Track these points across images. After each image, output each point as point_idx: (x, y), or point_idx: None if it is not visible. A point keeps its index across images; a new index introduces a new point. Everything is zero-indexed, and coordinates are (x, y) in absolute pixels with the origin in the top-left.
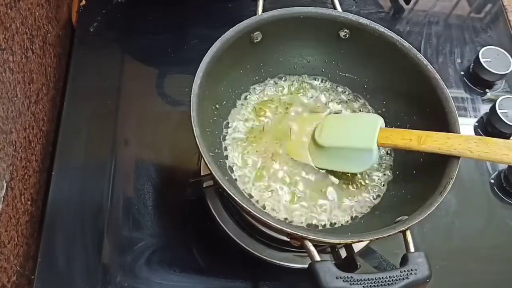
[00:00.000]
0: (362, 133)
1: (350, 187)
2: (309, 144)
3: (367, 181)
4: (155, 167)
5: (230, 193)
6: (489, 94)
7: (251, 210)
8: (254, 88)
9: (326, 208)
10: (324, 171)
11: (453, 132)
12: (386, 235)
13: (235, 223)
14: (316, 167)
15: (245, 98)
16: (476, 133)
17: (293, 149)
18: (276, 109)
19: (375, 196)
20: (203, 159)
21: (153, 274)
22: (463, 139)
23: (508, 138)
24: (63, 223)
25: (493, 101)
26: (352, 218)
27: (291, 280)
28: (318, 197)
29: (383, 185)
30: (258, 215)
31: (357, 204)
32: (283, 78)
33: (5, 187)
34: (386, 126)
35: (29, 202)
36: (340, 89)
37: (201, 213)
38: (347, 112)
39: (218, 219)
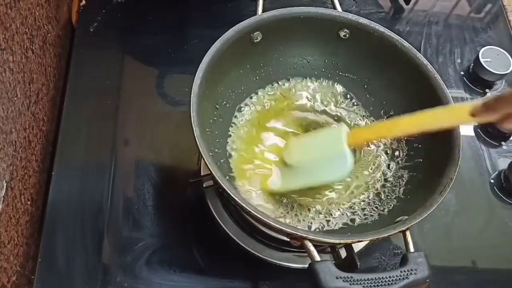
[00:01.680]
0: (329, 141)
1: (350, 187)
2: (281, 169)
3: (366, 181)
4: (155, 167)
5: (230, 193)
6: (489, 94)
7: (251, 210)
8: (254, 89)
9: (326, 209)
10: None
11: (453, 133)
12: (386, 235)
13: (235, 223)
14: (298, 188)
15: (245, 99)
16: (476, 133)
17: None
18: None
19: (375, 196)
20: (203, 159)
21: (153, 274)
22: (423, 117)
23: (508, 138)
24: (63, 223)
25: None
26: (352, 218)
27: (291, 280)
28: (318, 198)
29: (383, 185)
30: (258, 215)
31: (357, 204)
32: (283, 80)
33: (5, 187)
34: None
35: (29, 202)
36: (339, 89)
37: (201, 213)
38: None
39: (218, 219)
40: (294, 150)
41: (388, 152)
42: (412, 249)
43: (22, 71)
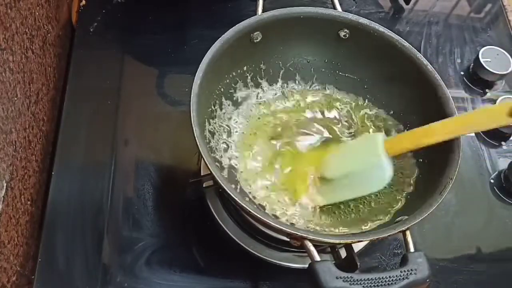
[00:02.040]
0: (367, 151)
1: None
2: (315, 184)
3: None
4: (155, 167)
5: (230, 193)
6: (489, 94)
7: (251, 210)
8: (255, 89)
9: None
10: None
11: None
12: (386, 235)
13: (235, 223)
14: (334, 203)
15: (245, 99)
16: (476, 133)
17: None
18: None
19: (374, 197)
20: (203, 159)
21: (153, 274)
22: (460, 120)
23: (508, 138)
24: (63, 223)
25: (493, 101)
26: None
27: (291, 280)
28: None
29: (383, 186)
30: (258, 215)
31: (357, 204)
32: (283, 80)
33: (5, 187)
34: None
35: (29, 202)
36: (340, 94)
37: (201, 213)
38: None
39: (218, 219)
40: (332, 163)
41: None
42: (412, 249)
43: (22, 71)
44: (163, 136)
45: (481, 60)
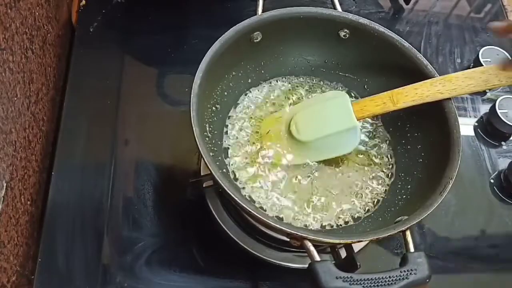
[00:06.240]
0: (338, 115)
1: (351, 188)
2: (290, 143)
3: (367, 182)
4: (155, 167)
5: (230, 193)
6: (489, 94)
7: (251, 210)
8: (255, 90)
9: (326, 209)
10: (323, 172)
11: (452, 132)
12: (386, 235)
13: (235, 223)
14: (313, 161)
15: (245, 99)
16: (476, 133)
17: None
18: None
19: (375, 196)
20: (203, 159)
21: (153, 274)
22: (429, 84)
23: (508, 138)
24: (63, 223)
25: (493, 101)
26: (352, 218)
27: (291, 280)
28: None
29: (384, 185)
30: (258, 215)
31: (357, 204)
32: (283, 80)
33: (5, 187)
34: (386, 124)
35: (29, 202)
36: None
37: (201, 213)
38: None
39: (218, 219)
40: (303, 125)
41: (390, 155)
42: (412, 249)
43: (22, 71)
44: (163, 136)
45: (481, 60)
